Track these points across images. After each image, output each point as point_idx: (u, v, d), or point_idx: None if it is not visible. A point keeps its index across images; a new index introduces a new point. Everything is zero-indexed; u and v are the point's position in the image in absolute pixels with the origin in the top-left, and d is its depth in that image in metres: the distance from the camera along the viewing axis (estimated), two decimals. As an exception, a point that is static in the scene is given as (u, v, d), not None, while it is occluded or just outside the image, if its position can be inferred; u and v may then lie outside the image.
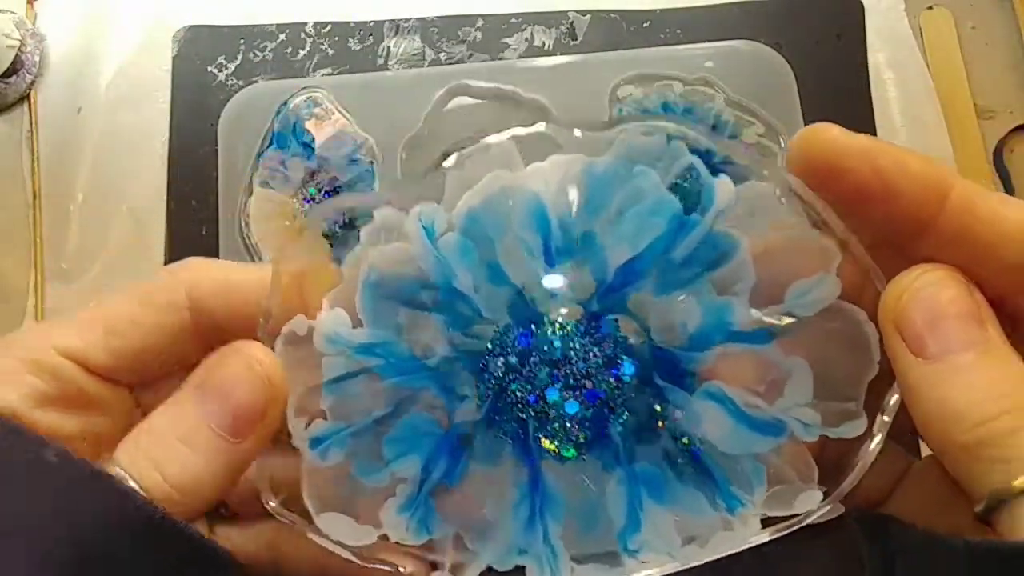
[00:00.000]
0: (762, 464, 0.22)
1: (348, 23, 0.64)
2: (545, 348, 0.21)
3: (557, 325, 0.22)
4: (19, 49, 0.63)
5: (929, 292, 0.19)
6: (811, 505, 0.21)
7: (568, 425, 0.22)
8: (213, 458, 0.21)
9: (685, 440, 0.22)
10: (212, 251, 0.59)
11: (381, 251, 0.22)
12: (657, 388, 0.22)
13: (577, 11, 0.64)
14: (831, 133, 0.20)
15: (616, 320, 0.22)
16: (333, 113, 0.60)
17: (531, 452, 0.22)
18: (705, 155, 0.23)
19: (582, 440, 0.22)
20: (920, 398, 0.20)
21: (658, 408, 0.22)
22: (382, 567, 0.22)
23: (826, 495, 0.21)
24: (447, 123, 0.61)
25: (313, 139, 0.59)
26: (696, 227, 0.22)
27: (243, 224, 0.58)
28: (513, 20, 0.64)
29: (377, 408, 0.23)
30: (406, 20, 0.64)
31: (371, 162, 0.59)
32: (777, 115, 0.59)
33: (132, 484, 0.20)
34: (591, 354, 0.22)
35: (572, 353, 0.22)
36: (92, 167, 0.63)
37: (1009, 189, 0.61)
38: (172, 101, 0.63)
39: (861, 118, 0.62)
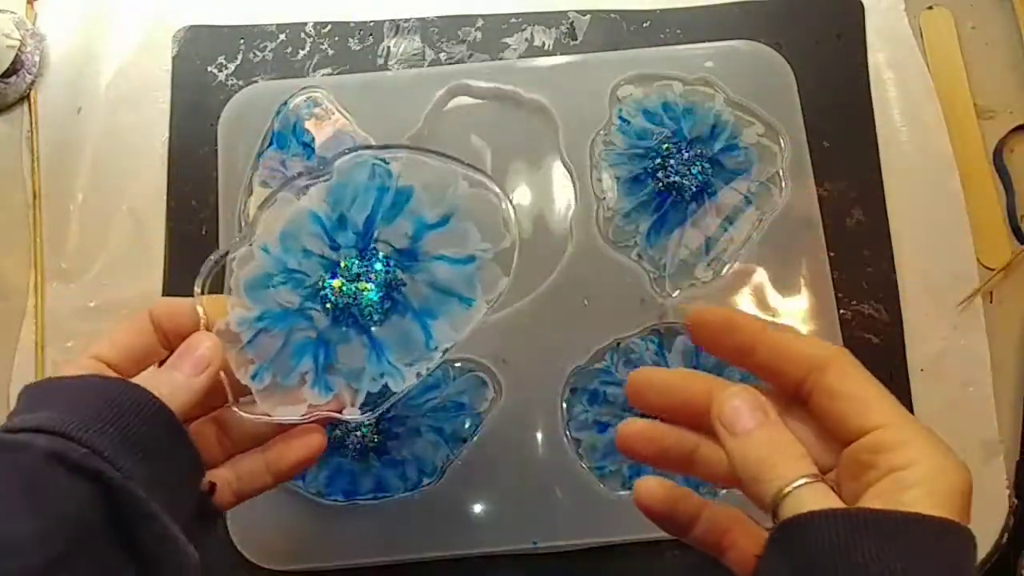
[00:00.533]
0: (474, 279, 0.42)
1: (348, 23, 0.64)
2: (346, 275, 0.41)
3: (345, 263, 0.41)
4: (19, 49, 0.63)
5: (734, 400, 0.34)
6: (503, 286, 0.42)
7: (374, 305, 0.41)
8: (183, 384, 0.38)
9: (433, 285, 0.42)
10: (212, 251, 0.58)
11: (245, 270, 0.41)
12: (409, 267, 0.42)
13: (577, 11, 0.64)
14: (708, 313, 0.36)
15: (375, 248, 0.42)
16: (333, 113, 0.60)
17: (364, 328, 0.42)
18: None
19: (385, 308, 0.42)
20: (734, 457, 0.33)
21: (414, 276, 0.42)
22: (319, 416, 0.41)
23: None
24: (447, 123, 0.61)
25: (313, 139, 0.59)
26: (390, 189, 0.42)
27: (243, 224, 0.58)
28: (513, 20, 0.64)
29: (277, 344, 0.41)
30: (406, 20, 0.64)
31: (371, 162, 0.59)
32: (777, 115, 0.59)
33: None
34: (368, 267, 0.41)
35: (359, 271, 0.41)
36: (92, 167, 0.63)
37: (1009, 189, 0.61)
38: (172, 101, 0.63)
39: (861, 118, 0.62)
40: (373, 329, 0.42)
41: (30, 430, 0.32)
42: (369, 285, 0.41)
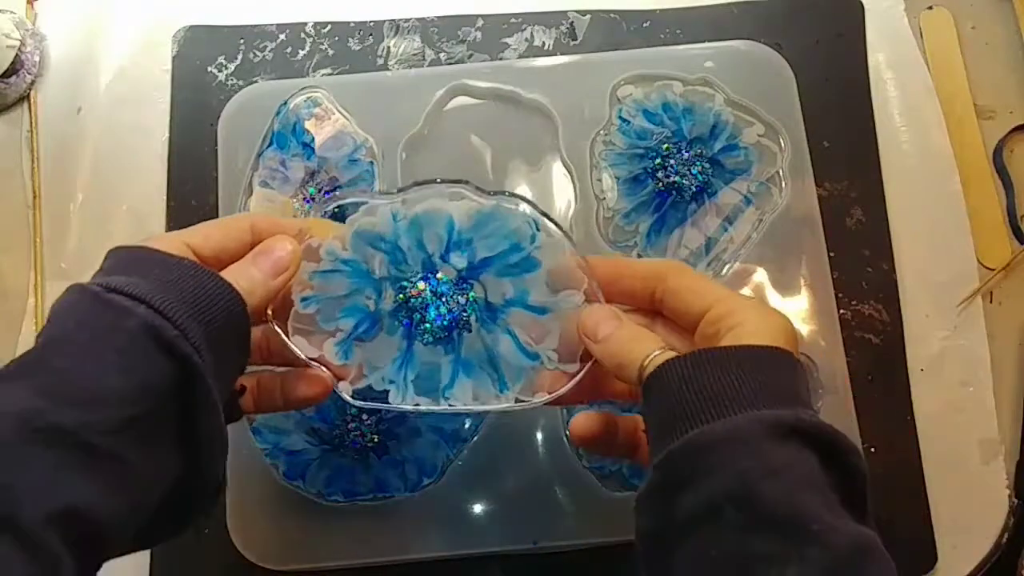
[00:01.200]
0: (523, 373, 0.43)
1: (348, 23, 0.64)
2: (434, 286, 0.43)
3: (441, 276, 0.43)
4: (19, 49, 0.63)
5: (593, 315, 0.41)
6: (535, 402, 0.42)
7: (433, 326, 0.42)
8: (261, 282, 0.40)
9: (488, 350, 0.43)
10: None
11: (366, 219, 0.43)
12: (483, 321, 0.43)
13: (577, 11, 0.64)
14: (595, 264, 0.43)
15: (471, 284, 0.43)
16: (333, 113, 0.60)
17: (412, 335, 0.43)
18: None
19: (440, 336, 0.43)
20: (603, 358, 0.40)
21: (480, 332, 0.43)
22: (316, 365, 0.42)
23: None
24: (447, 123, 0.61)
25: (313, 139, 0.59)
26: (523, 251, 0.42)
27: (243, 224, 0.58)
28: (513, 20, 0.64)
29: (339, 291, 0.43)
30: (406, 20, 0.64)
31: (371, 162, 0.59)
32: (777, 115, 0.59)
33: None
34: (454, 296, 0.43)
35: (445, 291, 0.43)
36: (92, 167, 0.63)
37: (1009, 189, 0.61)
38: (172, 101, 0.63)
39: (861, 118, 0.62)
40: (416, 343, 0.43)
41: (134, 297, 0.35)
42: (443, 310, 0.42)
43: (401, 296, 0.42)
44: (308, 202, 0.58)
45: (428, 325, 0.42)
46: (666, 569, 0.35)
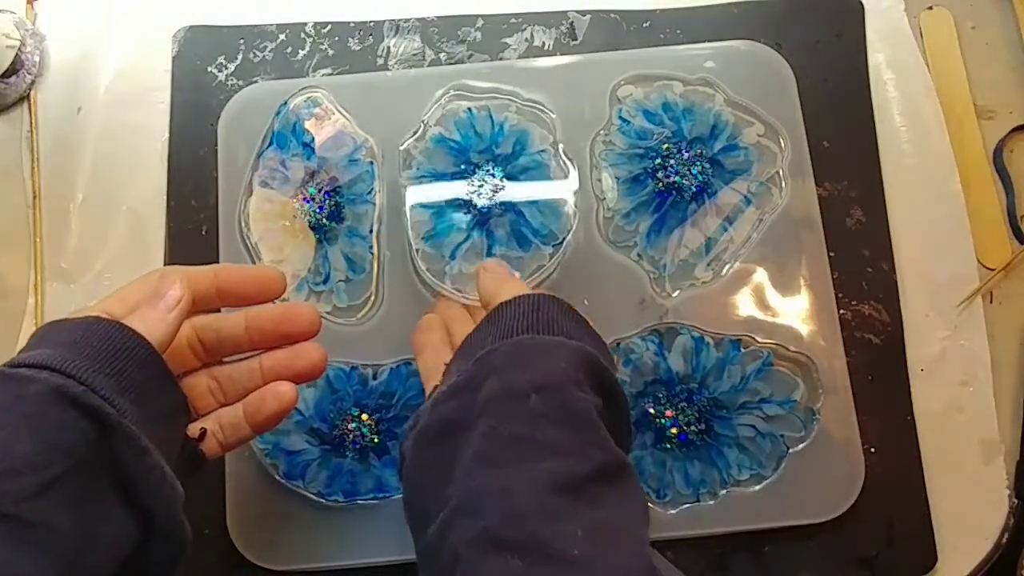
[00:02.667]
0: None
1: (348, 23, 0.64)
2: (488, 176, 0.58)
3: (492, 168, 0.58)
4: (19, 49, 0.63)
5: (496, 263, 0.52)
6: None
7: (487, 198, 0.57)
8: (159, 319, 0.41)
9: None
10: (212, 251, 0.59)
11: (444, 114, 0.59)
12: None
13: (577, 11, 0.64)
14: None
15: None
16: (333, 113, 0.60)
17: (472, 210, 0.57)
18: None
19: (488, 204, 0.57)
20: (483, 282, 0.48)
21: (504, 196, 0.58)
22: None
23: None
24: (447, 123, 0.61)
25: (313, 139, 0.59)
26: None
27: (243, 224, 0.58)
28: (513, 20, 0.64)
29: (447, 169, 0.58)
30: (406, 20, 0.64)
31: (371, 162, 0.59)
32: (777, 115, 0.59)
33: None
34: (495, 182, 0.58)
35: (489, 178, 0.57)
36: (92, 167, 0.63)
37: (1009, 189, 0.61)
38: (172, 101, 0.63)
39: (861, 118, 0.62)
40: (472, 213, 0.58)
41: (34, 366, 0.36)
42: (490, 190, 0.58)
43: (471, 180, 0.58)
44: (308, 202, 0.58)
45: (482, 198, 0.57)
46: (453, 452, 0.38)
